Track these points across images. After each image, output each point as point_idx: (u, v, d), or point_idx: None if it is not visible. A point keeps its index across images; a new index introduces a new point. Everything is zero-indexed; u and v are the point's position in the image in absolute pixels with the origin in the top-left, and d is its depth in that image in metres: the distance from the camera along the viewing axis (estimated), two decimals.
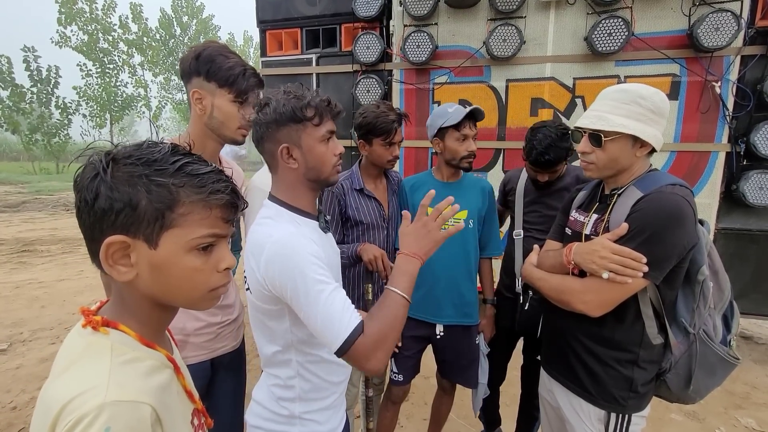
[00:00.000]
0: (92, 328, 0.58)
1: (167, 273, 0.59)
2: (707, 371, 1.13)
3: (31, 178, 16.55)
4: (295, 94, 0.96)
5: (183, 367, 0.70)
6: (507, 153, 3.15)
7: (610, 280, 1.06)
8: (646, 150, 1.12)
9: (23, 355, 3.23)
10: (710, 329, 1.13)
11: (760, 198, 2.64)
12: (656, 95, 1.10)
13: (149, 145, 0.59)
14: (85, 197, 0.56)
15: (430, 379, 2.71)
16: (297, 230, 0.93)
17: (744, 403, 2.68)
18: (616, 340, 1.16)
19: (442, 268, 1.74)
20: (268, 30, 3.59)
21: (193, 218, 0.59)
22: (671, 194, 1.06)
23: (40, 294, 4.52)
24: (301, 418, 1.00)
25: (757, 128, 2.61)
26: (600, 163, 1.15)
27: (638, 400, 1.18)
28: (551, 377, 1.36)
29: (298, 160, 0.97)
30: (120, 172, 0.56)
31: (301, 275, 0.86)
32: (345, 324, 0.85)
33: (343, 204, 1.69)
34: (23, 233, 7.44)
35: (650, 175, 1.14)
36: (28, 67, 18.65)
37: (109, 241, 0.56)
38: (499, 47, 2.92)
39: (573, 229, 1.29)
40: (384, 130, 1.62)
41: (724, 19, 2.52)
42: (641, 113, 1.09)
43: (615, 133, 1.10)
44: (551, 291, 1.23)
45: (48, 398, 0.54)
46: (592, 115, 1.15)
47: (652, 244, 1.03)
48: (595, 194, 1.29)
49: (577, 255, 1.14)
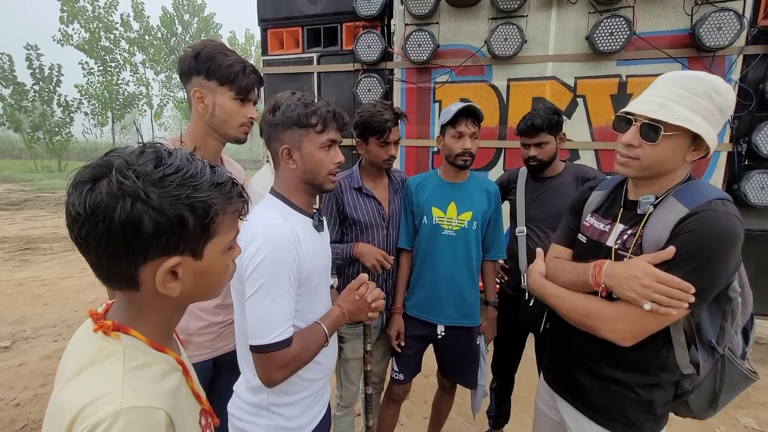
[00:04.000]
0: (103, 332, 0.58)
1: (208, 277, 0.64)
2: (730, 389, 1.04)
3: (33, 176, 16.61)
4: (304, 101, 1.02)
5: (191, 368, 0.71)
6: (508, 152, 3.15)
7: (653, 311, 0.91)
8: (698, 154, 0.96)
9: (26, 352, 3.25)
10: (734, 346, 1.03)
11: (761, 198, 2.64)
12: (730, 92, 0.93)
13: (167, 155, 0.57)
14: (116, 226, 0.52)
15: (430, 377, 2.72)
16: (285, 224, 0.97)
17: (744, 403, 2.68)
18: (638, 365, 1.04)
19: (444, 269, 1.74)
20: (270, 29, 3.59)
21: (226, 224, 0.63)
22: (726, 213, 0.90)
23: (42, 291, 4.54)
24: (268, 410, 1.03)
25: (759, 128, 2.60)
26: (646, 160, 0.96)
27: (655, 422, 1.07)
28: (555, 392, 1.23)
29: (296, 161, 1.04)
30: (165, 196, 0.54)
31: (272, 270, 0.92)
32: (280, 330, 0.93)
33: (340, 202, 1.69)
34: (26, 231, 7.47)
35: (691, 185, 0.98)
36: (31, 65, 18.67)
37: (167, 266, 0.57)
38: (500, 46, 2.91)
39: (590, 238, 1.13)
40: (378, 129, 1.62)
41: (726, 19, 2.51)
42: (710, 110, 0.91)
43: (677, 128, 0.91)
44: (572, 312, 1.06)
45: (61, 403, 0.54)
46: (653, 101, 0.94)
47: (702, 272, 0.89)
48: (615, 198, 1.12)
49: (611, 278, 0.97)
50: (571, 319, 1.08)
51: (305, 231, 1.03)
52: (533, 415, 1.42)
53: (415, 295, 1.82)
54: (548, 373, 1.30)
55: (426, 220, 1.75)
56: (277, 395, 1.03)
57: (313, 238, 1.06)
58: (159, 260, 0.56)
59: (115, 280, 0.58)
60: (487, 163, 3.20)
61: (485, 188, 1.79)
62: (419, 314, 1.80)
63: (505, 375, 2.12)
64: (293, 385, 1.05)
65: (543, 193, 1.86)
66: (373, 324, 1.80)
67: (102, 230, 0.52)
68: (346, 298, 1.13)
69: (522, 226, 1.88)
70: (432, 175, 1.84)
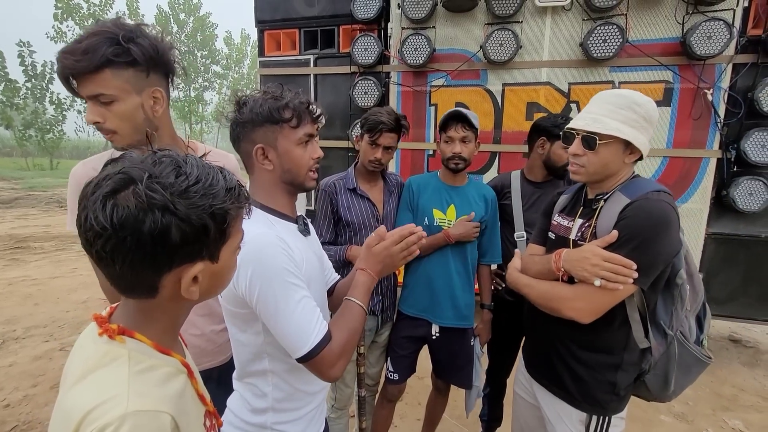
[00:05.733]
0: (108, 336, 0.59)
1: (221, 277, 0.66)
2: (684, 371, 1.17)
3: (25, 174, 16.40)
4: (273, 95, 0.94)
5: (195, 370, 0.71)
6: (503, 156, 3.18)
7: (602, 287, 1.06)
8: (634, 157, 1.14)
9: (16, 352, 3.21)
10: (686, 330, 1.17)
11: (749, 204, 2.70)
12: (650, 103, 1.12)
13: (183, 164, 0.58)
14: (146, 238, 0.52)
15: (424, 379, 2.73)
16: (270, 231, 0.90)
17: (732, 405, 2.73)
18: (602, 345, 1.18)
19: (439, 272, 1.77)
20: (267, 30, 3.59)
21: (236, 226, 0.65)
22: (658, 201, 1.07)
23: (33, 291, 4.48)
24: (272, 429, 0.96)
25: (747, 135, 2.66)
26: (591, 167, 1.15)
27: (619, 402, 1.21)
28: (533, 378, 1.37)
29: (273, 161, 0.96)
30: (191, 207, 0.55)
31: (271, 280, 0.85)
32: (314, 331, 0.86)
33: (335, 203, 1.71)
34: (16, 230, 7.37)
35: (634, 182, 1.16)
36: (23, 62, 18.47)
37: (193, 272, 0.59)
38: (495, 51, 2.95)
39: (557, 234, 1.29)
40: (370, 126, 1.66)
41: (716, 28, 2.56)
42: (635, 119, 1.10)
43: (609, 137, 1.10)
44: (539, 298, 1.22)
45: (67, 407, 0.54)
46: (588, 117, 1.14)
47: (641, 250, 1.05)
48: (578, 198, 1.29)
49: (567, 262, 1.14)
50: (539, 304, 1.23)
51: (293, 238, 0.97)
52: None
53: (412, 295, 1.84)
54: (527, 361, 1.43)
55: (427, 221, 1.77)
56: (282, 413, 0.97)
57: (302, 244, 1.00)
58: (182, 267, 0.58)
59: (135, 290, 0.59)
60: (481, 167, 3.22)
61: (483, 194, 1.83)
62: (414, 313, 1.82)
63: (498, 380, 2.13)
64: (297, 401, 0.99)
65: (540, 197, 1.88)
66: (367, 327, 1.81)
67: (131, 243, 0.52)
68: (367, 257, 0.99)
69: (521, 231, 1.90)
70: (432, 177, 1.87)
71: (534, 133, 1.90)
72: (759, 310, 2.91)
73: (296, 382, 0.98)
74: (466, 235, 1.72)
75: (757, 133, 2.63)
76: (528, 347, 1.45)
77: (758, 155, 2.65)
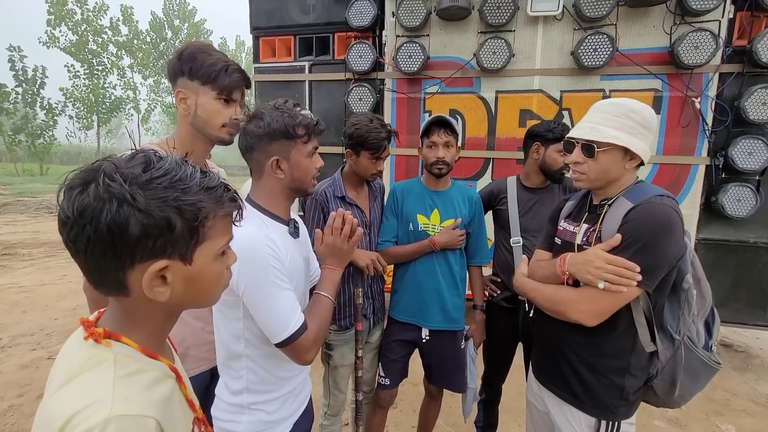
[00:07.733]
0: (94, 340, 0.58)
1: (200, 282, 0.63)
2: (692, 376, 1.17)
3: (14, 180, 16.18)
4: (288, 113, 1.05)
5: (184, 375, 0.70)
6: (496, 162, 3.21)
7: (606, 289, 1.07)
8: (635, 162, 1.16)
9: (2, 361, 3.13)
10: (694, 335, 1.16)
11: (737, 210, 2.74)
12: (646, 110, 1.13)
13: (157, 160, 0.57)
14: (102, 228, 0.52)
15: (418, 386, 2.71)
16: (261, 231, 1.00)
17: (724, 410, 2.75)
18: (608, 349, 1.18)
19: (425, 276, 1.78)
20: (262, 37, 3.61)
21: (218, 228, 0.63)
22: (661, 204, 1.08)
23: (20, 299, 4.40)
24: (249, 408, 1.07)
25: (734, 143, 2.71)
26: (591, 174, 1.18)
27: (628, 408, 1.20)
28: (541, 384, 1.37)
29: (285, 171, 1.08)
30: (151, 198, 0.54)
31: (258, 274, 0.96)
32: (293, 319, 0.99)
33: (326, 211, 1.71)
34: (4, 236, 7.25)
35: (638, 187, 1.17)
36: (13, 67, 18.32)
37: (154, 269, 0.56)
38: (489, 59, 2.99)
39: (563, 239, 1.30)
40: (374, 146, 1.66)
41: (703, 38, 2.63)
42: (632, 126, 1.12)
43: (607, 145, 1.13)
44: (545, 301, 1.23)
45: (49, 412, 0.53)
46: (586, 126, 1.17)
47: (645, 253, 1.06)
48: (583, 204, 1.31)
49: (572, 265, 1.15)
50: (545, 308, 1.24)
51: (282, 238, 1.06)
52: (525, 411, 1.52)
53: (401, 301, 1.84)
54: (536, 368, 1.43)
55: (412, 227, 1.79)
56: (257, 395, 1.07)
57: (290, 244, 1.09)
58: (146, 264, 0.56)
59: (104, 284, 0.58)
60: (475, 173, 3.25)
61: (467, 196, 1.84)
62: (403, 317, 1.83)
63: (493, 387, 2.13)
64: (271, 384, 1.08)
65: (536, 203, 1.89)
66: None
67: (89, 233, 0.52)
68: (322, 252, 1.15)
69: (517, 236, 1.90)
70: (415, 183, 1.88)
71: (528, 139, 1.92)
72: (749, 314, 2.95)
73: (270, 367, 1.08)
74: (451, 243, 1.75)
75: (743, 141, 2.69)
76: (536, 353, 1.44)
77: (745, 162, 2.70)
